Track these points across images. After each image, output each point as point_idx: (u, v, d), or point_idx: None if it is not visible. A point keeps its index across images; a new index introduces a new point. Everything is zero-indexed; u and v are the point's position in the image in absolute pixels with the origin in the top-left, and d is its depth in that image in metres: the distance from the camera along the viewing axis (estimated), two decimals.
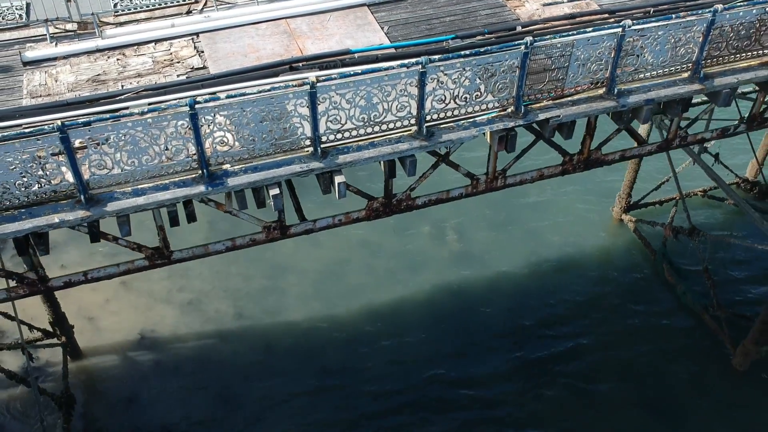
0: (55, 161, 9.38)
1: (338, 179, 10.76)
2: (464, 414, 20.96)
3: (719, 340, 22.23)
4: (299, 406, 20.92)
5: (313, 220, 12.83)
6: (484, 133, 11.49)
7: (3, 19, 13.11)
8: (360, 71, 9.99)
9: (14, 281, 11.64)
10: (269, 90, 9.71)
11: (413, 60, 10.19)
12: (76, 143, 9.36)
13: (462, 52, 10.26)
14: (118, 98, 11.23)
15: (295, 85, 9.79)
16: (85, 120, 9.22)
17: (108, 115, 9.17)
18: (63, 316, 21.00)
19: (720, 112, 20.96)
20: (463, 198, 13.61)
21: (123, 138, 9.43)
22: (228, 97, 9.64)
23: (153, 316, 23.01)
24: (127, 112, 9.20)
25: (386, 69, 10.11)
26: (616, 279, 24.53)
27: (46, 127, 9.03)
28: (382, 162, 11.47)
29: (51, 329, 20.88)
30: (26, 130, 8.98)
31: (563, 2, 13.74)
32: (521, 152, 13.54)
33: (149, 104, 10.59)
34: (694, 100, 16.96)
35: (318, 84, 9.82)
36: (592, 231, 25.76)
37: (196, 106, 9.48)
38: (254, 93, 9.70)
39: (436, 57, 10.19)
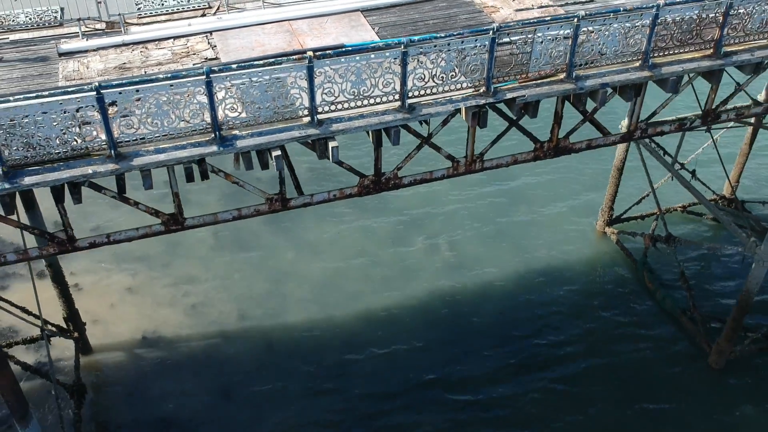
0: (90, 118, 11.18)
1: (332, 144, 12.53)
2: (455, 414, 22.22)
3: (697, 340, 23.66)
4: (297, 402, 22.25)
5: (311, 194, 14.54)
6: (459, 109, 13.29)
7: (41, 19, 15.09)
8: (351, 49, 11.87)
9: (47, 240, 13.31)
10: (273, 62, 11.58)
11: (396, 40, 12.10)
12: (110, 112, 11.20)
13: (439, 35, 12.16)
14: None
15: (296, 59, 11.67)
16: (117, 83, 11.05)
17: (137, 78, 10.97)
18: (76, 313, 22.55)
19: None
20: (445, 179, 15.32)
21: (149, 100, 11.25)
22: (239, 68, 11.50)
23: (158, 318, 24.54)
24: (153, 77, 11.02)
25: (373, 48, 11.99)
26: (600, 287, 26.10)
27: (84, 87, 10.85)
28: (370, 132, 13.23)
29: (65, 325, 22.37)
30: (69, 89, 10.80)
31: (533, 8, 15.70)
32: (496, 138, 15.33)
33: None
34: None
35: (315, 59, 11.69)
36: (577, 243, 27.43)
37: (212, 74, 11.33)
38: (261, 64, 11.57)
39: (416, 38, 12.09)
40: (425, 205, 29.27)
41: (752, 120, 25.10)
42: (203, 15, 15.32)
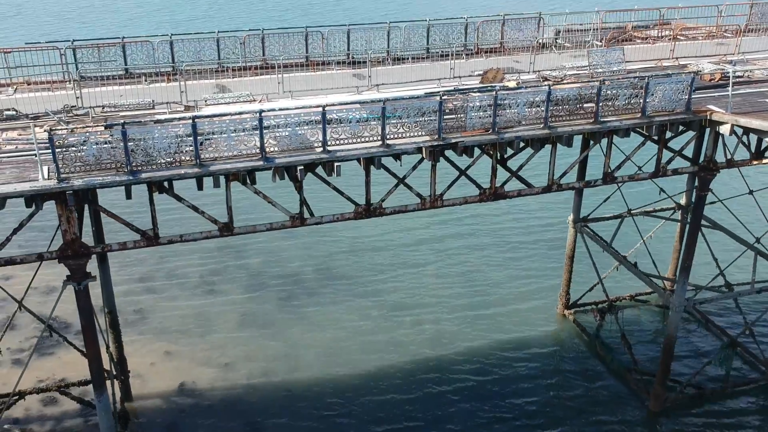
0: (185, 141, 18.78)
1: (336, 164, 19.98)
2: None
3: (639, 392, 29.57)
4: None
5: (321, 216, 21.77)
6: (420, 148, 20.85)
7: (139, 105, 23.19)
8: (349, 102, 19.77)
9: (139, 236, 20.39)
10: (301, 108, 19.40)
11: (378, 99, 20.01)
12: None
13: (404, 97, 20.07)
14: None
15: (314, 107, 19.52)
16: (204, 116, 18.81)
17: (216, 113, 18.75)
18: (124, 359, 28.80)
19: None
20: (416, 211, 22.63)
21: (222, 130, 18.93)
22: (280, 109, 19.30)
23: (193, 373, 30.79)
24: (226, 113, 18.82)
25: (364, 102, 19.87)
26: (561, 358, 32.41)
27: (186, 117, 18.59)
28: (362, 160, 20.72)
29: (113, 370, 28.46)
30: (176, 117, 18.53)
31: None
32: (451, 183, 22.80)
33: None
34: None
35: (326, 107, 19.52)
36: (540, 322, 34.12)
37: (262, 113, 19.09)
38: (292, 109, 19.39)
39: (392, 98, 20.00)
40: (413, 292, 36.37)
41: (679, 217, 32.74)
42: (250, 103, 23.44)
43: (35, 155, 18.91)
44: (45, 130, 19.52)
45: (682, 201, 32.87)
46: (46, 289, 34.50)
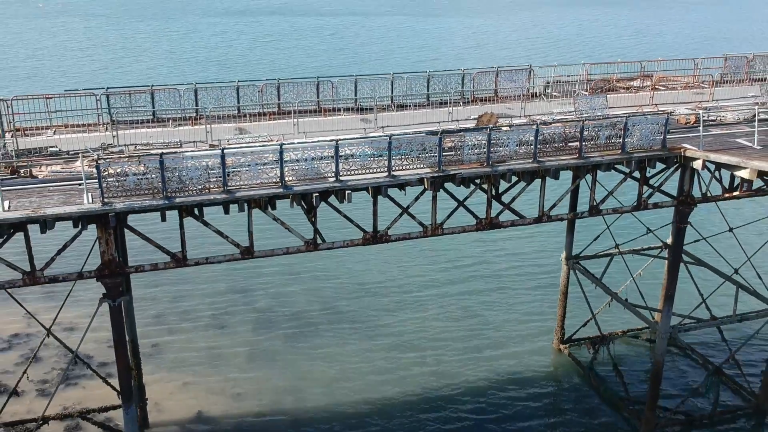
0: (214, 170, 21.57)
1: (347, 192, 22.71)
2: None
3: (631, 419, 31.69)
4: None
5: (332, 242, 24.41)
6: (422, 179, 23.62)
7: (168, 144, 26.09)
8: (359, 137, 22.65)
9: (168, 257, 22.97)
10: (317, 141, 22.27)
11: (386, 135, 22.90)
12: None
13: (407, 133, 22.99)
14: None
15: (328, 141, 22.40)
16: (232, 148, 21.65)
17: (242, 146, 21.59)
18: (143, 386, 31.01)
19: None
20: (419, 238, 25.27)
21: (246, 160, 21.74)
22: (299, 143, 22.16)
23: (209, 402, 33.09)
24: (249, 147, 21.68)
25: (372, 137, 22.75)
26: (556, 388, 34.64)
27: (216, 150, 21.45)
28: (370, 189, 23.45)
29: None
30: (207, 152, 21.39)
31: None
32: (450, 213, 25.50)
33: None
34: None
35: (339, 141, 22.39)
36: (537, 356, 36.42)
37: (283, 146, 21.95)
38: (310, 141, 22.25)
39: (397, 133, 22.90)
40: (414, 331, 38.75)
41: (666, 255, 35.28)
42: (268, 142, 26.35)
43: (80, 184, 21.71)
44: (87, 164, 22.43)
45: (669, 241, 35.47)
46: (69, 325, 36.85)
